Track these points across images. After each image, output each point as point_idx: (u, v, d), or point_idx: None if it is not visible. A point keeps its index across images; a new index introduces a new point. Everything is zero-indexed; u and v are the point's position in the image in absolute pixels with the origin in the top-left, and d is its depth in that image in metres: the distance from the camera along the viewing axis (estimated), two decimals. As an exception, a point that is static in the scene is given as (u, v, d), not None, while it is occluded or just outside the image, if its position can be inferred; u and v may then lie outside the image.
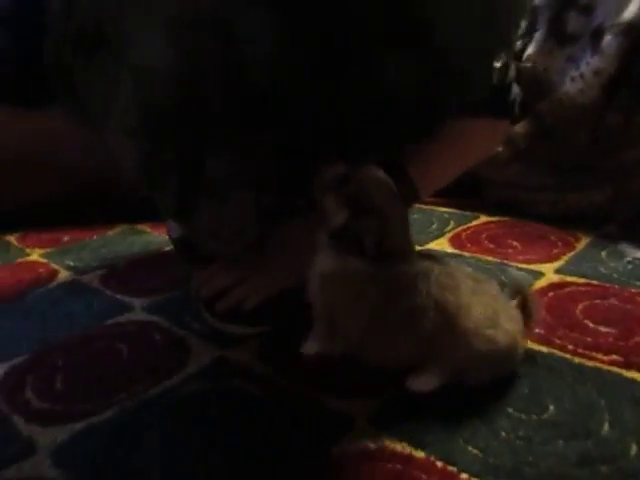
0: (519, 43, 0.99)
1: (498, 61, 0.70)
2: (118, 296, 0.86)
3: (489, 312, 0.57)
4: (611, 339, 0.67)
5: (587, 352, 0.64)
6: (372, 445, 0.52)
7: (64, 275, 0.96)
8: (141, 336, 0.73)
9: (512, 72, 0.75)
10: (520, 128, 1.08)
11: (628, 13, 0.98)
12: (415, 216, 1.17)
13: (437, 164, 0.75)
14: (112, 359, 0.68)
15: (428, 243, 1.02)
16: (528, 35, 1.06)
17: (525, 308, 0.62)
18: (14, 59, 0.63)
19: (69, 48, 0.57)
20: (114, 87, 0.55)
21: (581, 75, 1.02)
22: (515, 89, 0.76)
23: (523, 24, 0.70)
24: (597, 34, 1.01)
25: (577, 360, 0.63)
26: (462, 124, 0.73)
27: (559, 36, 1.04)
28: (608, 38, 0.99)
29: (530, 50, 1.06)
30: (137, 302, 0.83)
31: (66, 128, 0.67)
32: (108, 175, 1.11)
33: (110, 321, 0.78)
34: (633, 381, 0.59)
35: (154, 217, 1.18)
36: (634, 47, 0.98)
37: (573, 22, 1.04)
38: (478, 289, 0.59)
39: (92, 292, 0.88)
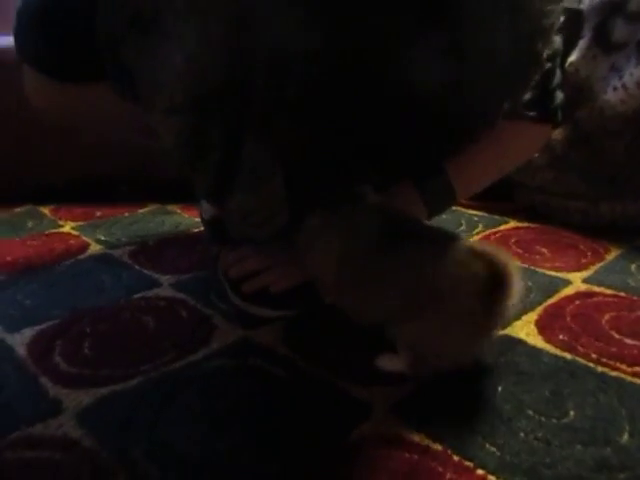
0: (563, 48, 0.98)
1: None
2: (146, 271, 0.88)
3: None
4: (636, 351, 0.66)
5: (611, 362, 0.64)
6: (390, 434, 0.52)
7: (95, 248, 0.98)
8: (168, 311, 0.75)
9: (557, 78, 0.75)
10: (557, 134, 1.07)
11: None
12: (443, 217, 1.16)
13: (476, 165, 0.75)
14: (139, 331, 0.70)
15: (455, 244, 1.02)
16: (572, 41, 1.05)
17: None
18: (83, 46, 0.65)
19: (122, 31, 0.59)
20: (163, 68, 0.57)
21: (623, 85, 1.00)
22: (559, 95, 0.76)
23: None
24: (643, 44, 0.99)
25: (600, 369, 0.63)
26: (504, 126, 0.72)
27: (604, 44, 1.03)
28: (655, 48, 0.98)
29: (573, 56, 1.05)
30: (165, 279, 0.85)
31: (115, 104, 0.69)
32: (146, 154, 1.13)
33: (138, 295, 0.79)
34: (656, 394, 0.59)
35: (184, 199, 1.20)
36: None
37: (619, 30, 1.02)
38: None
39: (121, 266, 0.90)
